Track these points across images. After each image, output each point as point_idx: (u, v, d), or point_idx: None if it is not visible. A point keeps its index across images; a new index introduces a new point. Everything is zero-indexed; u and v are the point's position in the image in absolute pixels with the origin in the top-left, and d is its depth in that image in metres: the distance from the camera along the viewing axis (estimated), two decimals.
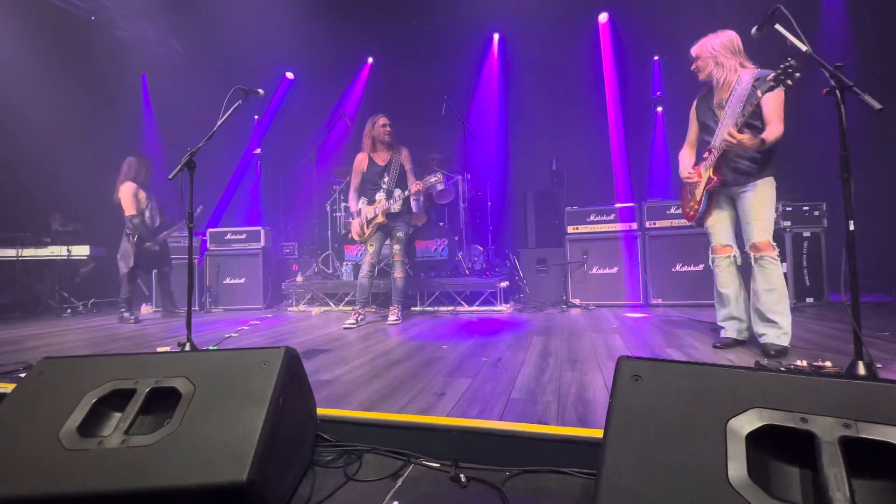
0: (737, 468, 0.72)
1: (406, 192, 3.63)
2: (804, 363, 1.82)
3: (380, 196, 3.66)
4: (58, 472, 0.91)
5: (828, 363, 1.77)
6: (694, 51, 2.37)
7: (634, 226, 4.46)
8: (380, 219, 3.64)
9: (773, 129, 2.11)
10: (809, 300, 3.94)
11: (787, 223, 3.96)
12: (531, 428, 1.34)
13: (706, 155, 2.36)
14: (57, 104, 5.33)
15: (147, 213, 4.29)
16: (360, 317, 3.64)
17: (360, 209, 3.76)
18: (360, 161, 3.78)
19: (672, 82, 6.01)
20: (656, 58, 6.17)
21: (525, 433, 1.32)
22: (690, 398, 0.83)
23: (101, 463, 0.93)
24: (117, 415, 1.06)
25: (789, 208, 3.98)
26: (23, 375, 2.10)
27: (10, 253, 4.92)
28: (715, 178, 2.29)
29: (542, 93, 6.30)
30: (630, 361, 0.93)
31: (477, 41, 6.73)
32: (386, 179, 3.67)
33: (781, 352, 2.15)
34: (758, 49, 2.37)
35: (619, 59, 6.16)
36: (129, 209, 4.18)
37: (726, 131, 2.12)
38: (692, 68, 2.40)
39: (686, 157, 2.54)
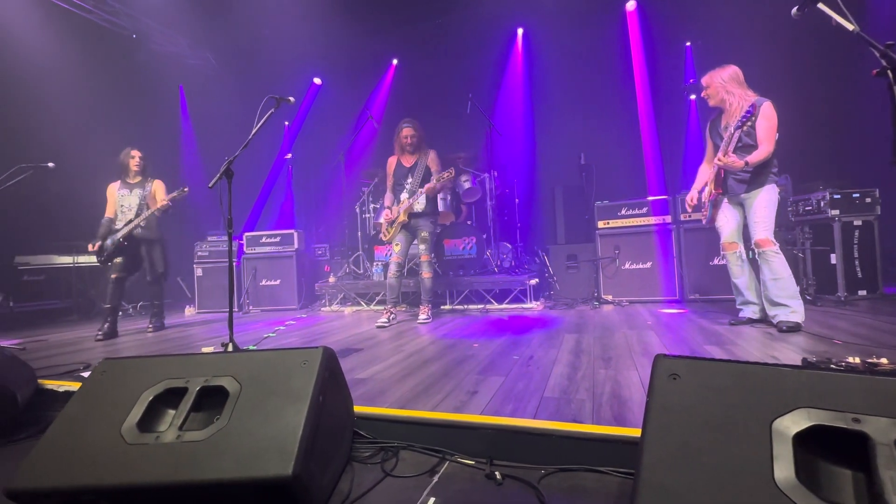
0: (783, 469, 0.70)
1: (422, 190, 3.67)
2: (857, 360, 1.73)
3: (404, 196, 3.75)
4: (122, 465, 0.98)
5: (883, 360, 1.67)
6: (704, 80, 2.78)
7: (668, 219, 4.33)
8: (402, 218, 3.71)
9: (760, 152, 2.54)
10: (862, 293, 3.72)
11: (836, 212, 3.74)
12: (566, 426, 1.34)
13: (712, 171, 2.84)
14: (103, 118, 5.67)
15: (119, 214, 3.79)
16: (392, 315, 3.70)
17: (388, 209, 3.86)
18: (390, 163, 3.91)
19: (706, 68, 5.77)
20: (688, 44, 5.94)
21: (560, 431, 1.31)
22: (732, 397, 0.81)
23: (160, 456, 1.00)
24: (171, 411, 1.13)
25: (837, 196, 3.76)
26: (83, 374, 2.27)
27: (67, 260, 5.28)
28: (715, 192, 2.79)
29: (569, 86, 6.19)
30: (667, 360, 0.91)
31: (500, 37, 6.69)
32: (410, 180, 3.75)
33: (793, 327, 2.50)
34: (800, 30, 2.32)
35: (648, 47, 5.97)
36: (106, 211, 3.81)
37: (717, 156, 2.62)
38: (702, 95, 2.81)
39: (703, 172, 2.97)
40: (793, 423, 0.74)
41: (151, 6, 5.91)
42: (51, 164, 3.63)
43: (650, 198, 4.45)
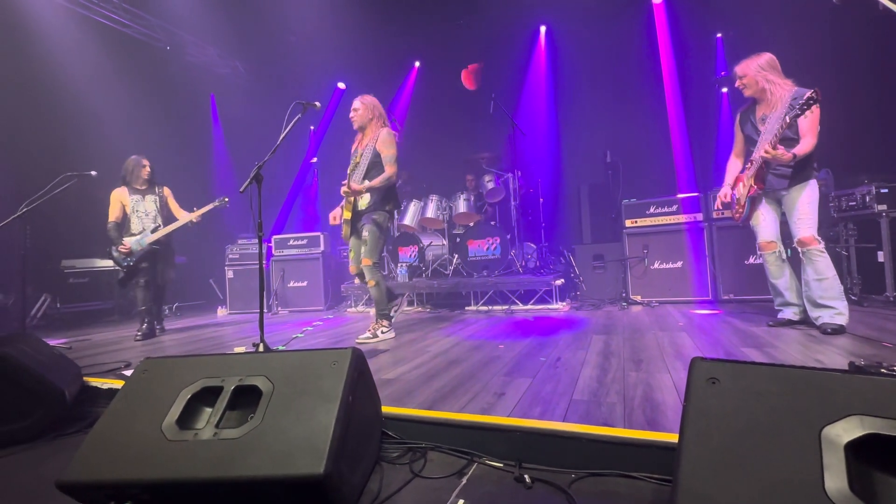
0: (835, 480, 0.66)
1: (365, 184, 2.97)
2: None
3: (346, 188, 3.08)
4: (163, 461, 1.02)
5: None
6: (739, 70, 2.64)
7: (700, 216, 4.19)
8: (345, 215, 3.12)
9: (805, 144, 2.40)
10: None
11: (883, 207, 3.53)
12: (597, 430, 1.31)
13: (748, 165, 2.68)
14: (140, 127, 5.93)
15: (132, 219, 3.85)
16: (383, 329, 3.10)
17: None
18: (352, 148, 3.33)
19: (738, 60, 5.56)
20: (719, 35, 5.74)
21: (591, 435, 1.29)
22: (777, 403, 0.77)
23: (198, 453, 1.03)
24: (208, 409, 1.17)
25: (884, 190, 3.55)
26: (125, 372, 2.37)
27: (108, 263, 5.53)
28: (756, 186, 2.62)
29: (594, 83, 6.08)
30: (705, 363, 0.88)
31: (523, 36, 6.64)
32: (356, 169, 3.09)
33: (838, 330, 2.38)
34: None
35: (676, 40, 5.80)
36: (109, 215, 3.86)
37: (763, 148, 2.43)
38: (737, 85, 2.66)
39: (733, 166, 2.86)
40: (844, 432, 0.70)
41: (184, 19, 6.14)
42: (93, 173, 3.81)
43: (680, 195, 4.33)
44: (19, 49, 5.07)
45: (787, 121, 2.38)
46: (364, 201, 3.05)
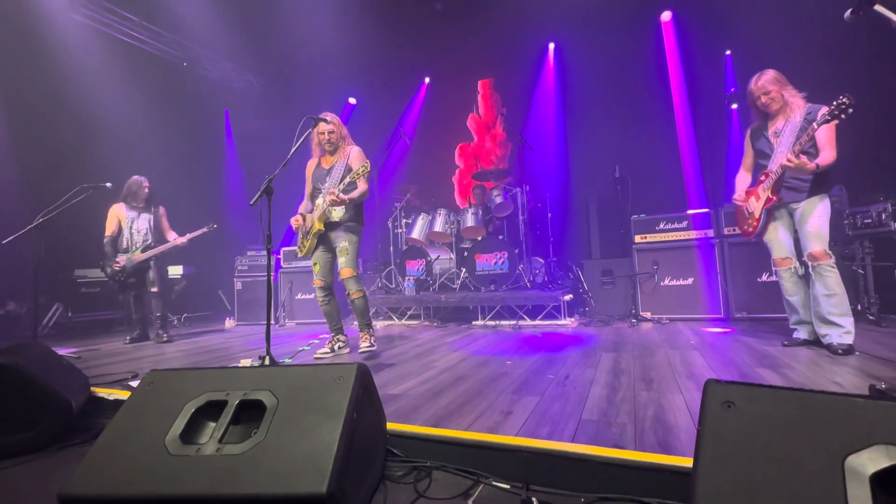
0: None
1: (340, 193, 2.94)
2: None
3: (319, 201, 3.09)
4: (165, 476, 1.01)
5: None
6: (766, 85, 2.57)
7: (711, 233, 4.14)
8: (317, 226, 3.07)
9: (827, 156, 2.38)
10: None
11: None
12: (607, 452, 1.27)
13: (762, 178, 2.65)
14: (155, 140, 6.06)
15: (125, 234, 4.16)
16: (340, 344, 3.22)
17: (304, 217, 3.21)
18: (309, 167, 3.31)
19: (748, 76, 5.55)
20: (728, 52, 5.75)
21: (600, 457, 1.25)
22: (796, 429, 0.74)
23: (201, 469, 1.02)
24: (212, 424, 1.16)
25: None
26: (131, 383, 2.38)
27: None
28: (774, 198, 2.58)
29: (602, 98, 6.11)
30: (720, 386, 0.85)
31: (532, 52, 6.72)
32: (327, 183, 3.10)
33: (847, 350, 2.35)
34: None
35: (685, 57, 5.83)
36: (106, 229, 4.18)
37: (784, 157, 2.39)
38: (762, 102, 2.60)
39: (742, 180, 2.84)
40: (870, 462, 0.67)
41: (200, 34, 6.31)
42: (108, 185, 3.90)
43: (690, 211, 4.29)
44: (37, 63, 5.23)
45: (816, 127, 2.31)
46: (337, 213, 3.03)
